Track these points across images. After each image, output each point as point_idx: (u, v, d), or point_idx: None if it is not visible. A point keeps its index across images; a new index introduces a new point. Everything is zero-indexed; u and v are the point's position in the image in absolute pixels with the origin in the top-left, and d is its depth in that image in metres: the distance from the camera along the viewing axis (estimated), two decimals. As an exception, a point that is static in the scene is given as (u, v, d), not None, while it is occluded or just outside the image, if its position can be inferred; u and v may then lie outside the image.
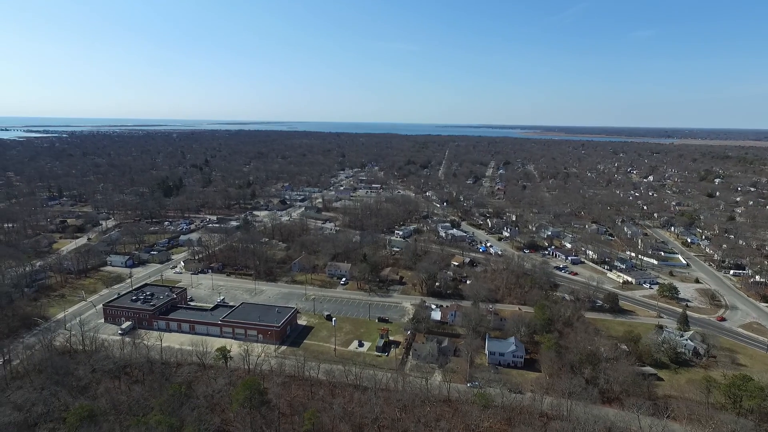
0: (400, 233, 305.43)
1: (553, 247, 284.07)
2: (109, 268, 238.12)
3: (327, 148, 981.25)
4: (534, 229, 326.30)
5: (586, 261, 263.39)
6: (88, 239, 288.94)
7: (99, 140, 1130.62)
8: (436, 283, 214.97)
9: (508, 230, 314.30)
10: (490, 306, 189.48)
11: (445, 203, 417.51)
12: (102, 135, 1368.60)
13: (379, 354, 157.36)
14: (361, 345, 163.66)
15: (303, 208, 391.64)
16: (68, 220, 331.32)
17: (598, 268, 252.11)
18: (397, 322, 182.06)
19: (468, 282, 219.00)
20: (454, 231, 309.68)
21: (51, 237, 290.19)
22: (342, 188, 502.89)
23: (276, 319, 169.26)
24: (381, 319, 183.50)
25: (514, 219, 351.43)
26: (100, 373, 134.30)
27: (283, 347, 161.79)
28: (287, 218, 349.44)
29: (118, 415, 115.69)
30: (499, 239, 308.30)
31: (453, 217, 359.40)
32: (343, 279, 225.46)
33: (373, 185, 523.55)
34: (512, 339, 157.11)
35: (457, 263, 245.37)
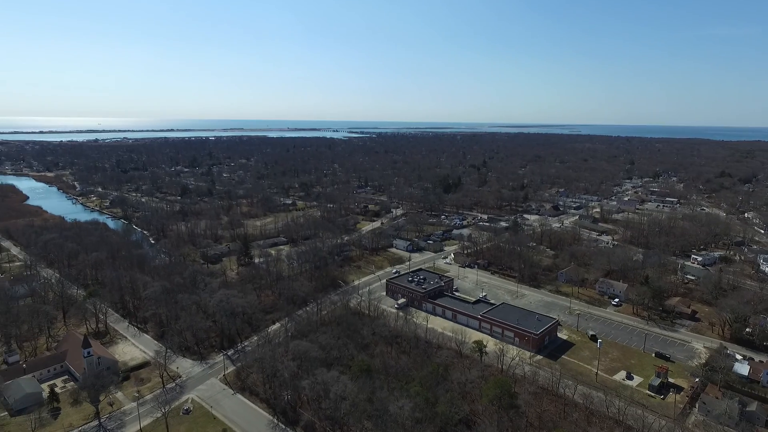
0: (699, 259, 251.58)
1: None
2: (393, 250, 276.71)
3: (613, 154, 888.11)
4: None
5: None
6: (381, 223, 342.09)
7: (398, 140, 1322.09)
8: (747, 329, 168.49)
9: None
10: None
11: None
12: (400, 136, 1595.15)
13: (653, 394, 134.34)
14: (629, 378, 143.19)
15: (577, 217, 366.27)
16: (369, 206, 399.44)
17: None
18: (681, 363, 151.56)
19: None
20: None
21: (356, 218, 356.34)
22: (626, 199, 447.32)
23: (535, 326, 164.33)
24: (659, 355, 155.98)
25: None
26: (378, 337, 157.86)
27: (539, 357, 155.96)
28: (558, 225, 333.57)
29: (387, 376, 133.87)
30: None
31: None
32: (616, 299, 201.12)
33: (667, 198, 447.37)
34: None
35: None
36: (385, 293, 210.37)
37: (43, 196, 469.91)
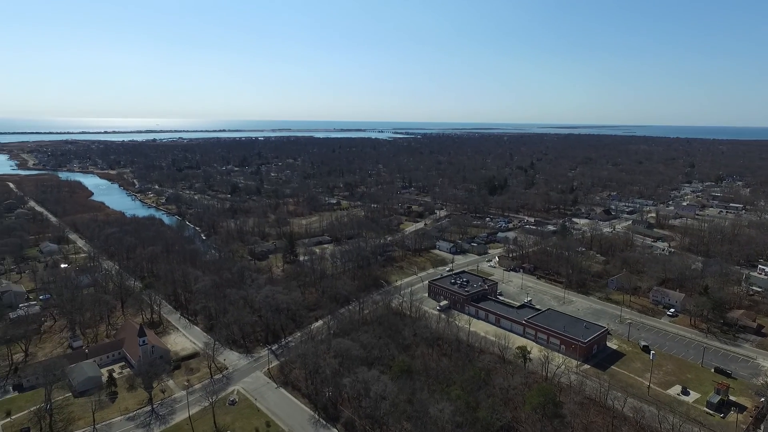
0: (767, 269, 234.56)
1: None
2: (436, 251, 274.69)
3: (671, 156, 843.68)
4: None
5: None
6: (425, 224, 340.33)
7: (443, 141, 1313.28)
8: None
9: None
10: None
11: None
12: (446, 136, 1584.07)
13: (711, 412, 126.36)
14: (685, 393, 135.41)
15: (630, 222, 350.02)
16: (412, 207, 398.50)
17: None
18: (744, 380, 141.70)
19: None
20: None
21: (399, 219, 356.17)
22: (685, 204, 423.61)
23: (583, 334, 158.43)
24: (719, 371, 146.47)
25: None
26: (419, 338, 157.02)
27: (586, 366, 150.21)
28: (609, 230, 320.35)
29: (428, 378, 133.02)
30: None
31: None
32: (672, 309, 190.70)
33: (731, 204, 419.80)
34: None
35: None
36: (427, 294, 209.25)
37: (105, 192, 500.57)
